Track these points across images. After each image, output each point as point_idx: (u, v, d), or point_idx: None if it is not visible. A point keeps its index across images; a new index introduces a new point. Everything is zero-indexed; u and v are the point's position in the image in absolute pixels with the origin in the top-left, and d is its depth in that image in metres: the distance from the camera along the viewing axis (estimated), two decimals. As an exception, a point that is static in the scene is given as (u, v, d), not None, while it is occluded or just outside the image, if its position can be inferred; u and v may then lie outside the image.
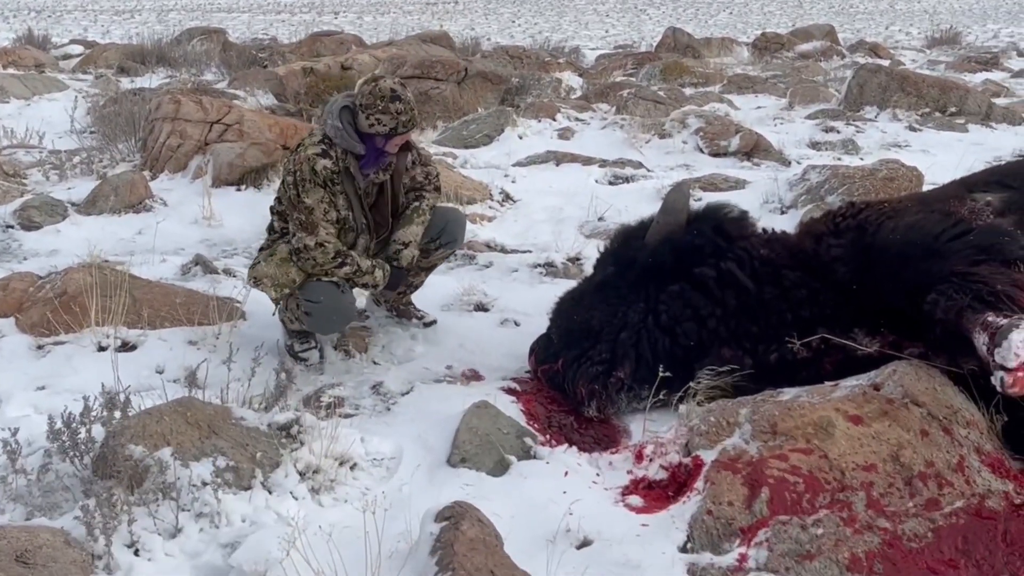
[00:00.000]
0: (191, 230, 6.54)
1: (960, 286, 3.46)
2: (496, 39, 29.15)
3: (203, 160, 7.43)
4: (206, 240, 6.41)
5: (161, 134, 7.73)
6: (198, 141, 7.68)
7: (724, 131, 9.28)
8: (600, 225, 6.74)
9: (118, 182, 6.88)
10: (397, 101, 4.21)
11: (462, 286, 5.39)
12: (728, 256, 4.17)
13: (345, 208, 4.34)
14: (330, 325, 4.49)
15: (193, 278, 5.52)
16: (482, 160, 8.90)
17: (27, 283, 4.89)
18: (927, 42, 23.79)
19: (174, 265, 5.71)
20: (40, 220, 6.45)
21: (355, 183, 4.35)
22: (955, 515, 3.05)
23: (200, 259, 5.71)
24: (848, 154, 9.18)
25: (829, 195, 6.77)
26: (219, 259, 5.98)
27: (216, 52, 15.85)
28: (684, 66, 14.95)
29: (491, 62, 13.58)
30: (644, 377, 3.92)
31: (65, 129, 9.33)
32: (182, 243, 6.27)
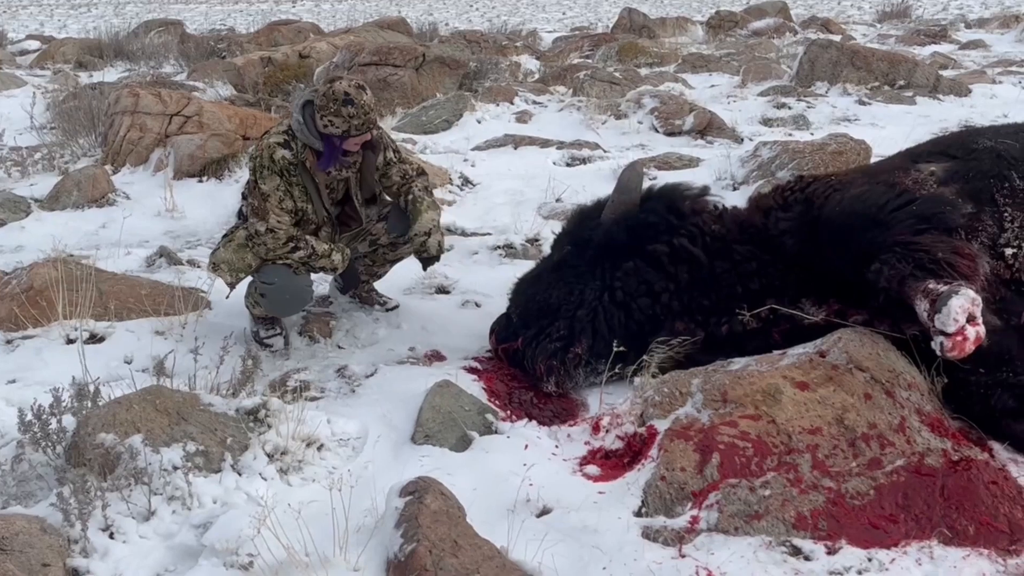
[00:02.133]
0: (154, 222, 6.60)
1: (903, 255, 3.61)
2: (454, 24, 29.11)
3: (164, 153, 7.47)
4: (170, 232, 6.47)
5: (121, 128, 7.75)
6: (158, 134, 7.71)
7: (678, 110, 9.42)
8: (558, 206, 6.86)
9: (80, 177, 6.91)
10: (350, 105, 4.22)
11: (423, 270, 5.48)
12: (681, 232, 4.29)
13: (303, 200, 4.41)
14: (286, 307, 4.59)
15: (158, 270, 5.58)
16: (441, 145, 8.98)
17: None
18: (878, 16, 24.04)
19: (139, 257, 5.76)
20: (3, 217, 6.49)
21: (314, 177, 4.43)
22: (896, 473, 3.20)
23: (164, 251, 5.77)
24: (799, 129, 9.35)
25: (780, 170, 6.92)
26: (183, 250, 6.04)
27: (174, 44, 15.77)
28: (639, 46, 15.06)
29: (449, 47, 13.62)
30: (600, 352, 4.05)
31: (25, 125, 9.30)
32: (146, 236, 6.33)
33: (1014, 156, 4.10)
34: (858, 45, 13.47)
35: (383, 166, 4.65)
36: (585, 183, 7.19)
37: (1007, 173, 4.02)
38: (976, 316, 3.26)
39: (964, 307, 3.24)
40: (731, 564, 2.86)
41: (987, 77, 12.28)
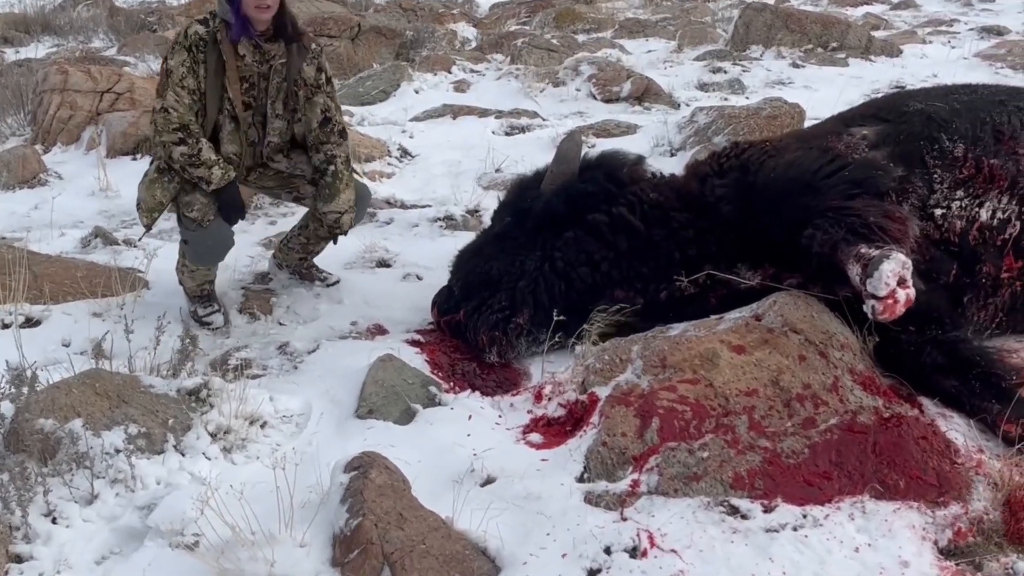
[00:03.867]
0: (88, 202, 6.49)
1: (835, 220, 3.68)
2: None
3: (96, 131, 7.34)
4: (104, 211, 6.37)
5: (51, 106, 7.60)
6: (89, 112, 7.57)
7: (616, 77, 9.46)
8: (497, 176, 6.87)
9: (9, 158, 6.77)
10: None
11: (364, 243, 5.49)
12: (619, 201, 4.34)
13: (207, 80, 4.27)
14: (210, 254, 4.55)
15: (94, 250, 5.50)
16: (379, 116, 8.93)
17: (-77, 254, 4.83)
18: (812, -22, 24.21)
19: (73, 239, 5.67)
20: (-70, 200, 6.34)
21: (222, 56, 4.27)
22: (829, 431, 3.29)
23: (100, 231, 5.68)
24: (735, 94, 9.44)
25: (716, 136, 7.00)
26: (119, 230, 5.95)
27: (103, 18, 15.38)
28: (577, 13, 15.04)
29: (385, 16, 13.51)
30: (542, 322, 4.08)
31: (-53, 106, 9.09)
32: (80, 216, 6.22)
33: (944, 118, 4.19)
34: (792, 8, 13.59)
35: (313, 85, 4.49)
36: (524, 152, 7.20)
37: (937, 135, 4.11)
38: (906, 279, 3.35)
39: (895, 271, 3.33)
40: (671, 525, 2.92)
41: (917, 37, 12.48)
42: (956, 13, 15.07)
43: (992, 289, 3.92)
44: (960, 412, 3.45)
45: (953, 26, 13.50)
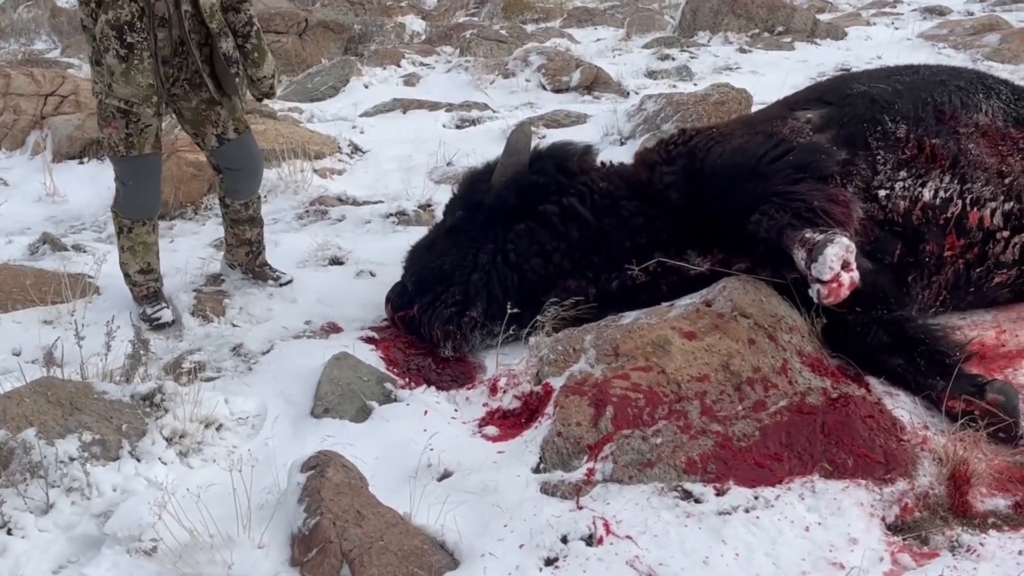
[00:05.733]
0: (35, 208, 6.40)
1: (780, 205, 3.74)
2: (337, -16, 28.60)
3: (41, 135, 7.25)
4: (52, 217, 6.29)
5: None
6: (33, 116, 7.47)
7: (565, 67, 9.50)
8: (449, 170, 6.88)
9: (-49, 165, 6.67)
10: None
11: (316, 241, 5.47)
12: (570, 192, 4.36)
13: None
14: (140, 207, 4.54)
15: (42, 257, 5.43)
16: (329, 113, 8.90)
17: None
18: (759, -38, 24.43)
19: (21, 246, 5.59)
20: None
21: None
22: (779, 413, 3.35)
23: (48, 237, 5.61)
24: (683, 81, 9.52)
25: (664, 123, 7.05)
26: (67, 235, 5.88)
27: (45, 19, 15.16)
28: (525, 2, 15.06)
29: (332, 11, 13.44)
30: (495, 314, 4.11)
31: None
32: (27, 222, 6.14)
33: (886, 100, 4.26)
34: (738, -7, 13.69)
35: None
36: (475, 145, 7.21)
37: (880, 117, 4.18)
38: (850, 262, 3.41)
39: (838, 255, 3.38)
40: (626, 512, 2.96)
41: (862, 19, 12.67)
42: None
43: (936, 268, 4.01)
44: (906, 390, 3.54)
45: (896, 7, 13.72)
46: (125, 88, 4.25)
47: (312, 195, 6.47)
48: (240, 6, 4.42)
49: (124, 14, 4.13)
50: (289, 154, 6.67)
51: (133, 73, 4.22)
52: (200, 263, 5.17)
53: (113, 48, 4.18)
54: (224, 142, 4.59)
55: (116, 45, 4.17)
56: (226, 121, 4.55)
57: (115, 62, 4.20)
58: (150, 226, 4.63)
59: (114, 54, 4.19)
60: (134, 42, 4.17)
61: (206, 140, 4.61)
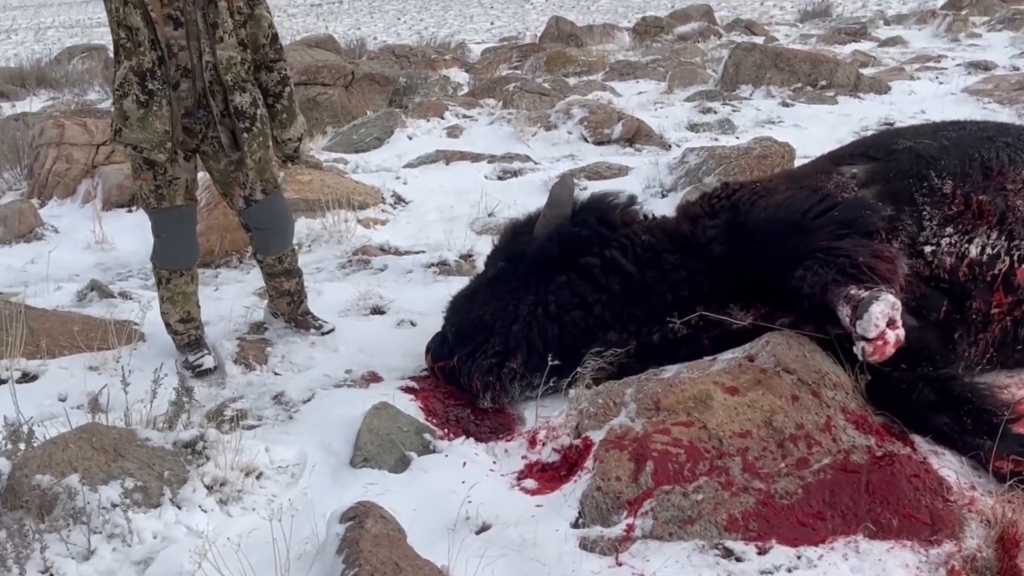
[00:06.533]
0: (84, 255, 6.52)
1: (825, 261, 3.72)
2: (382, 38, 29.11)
3: (92, 184, 7.41)
4: (100, 264, 6.40)
5: (47, 160, 7.66)
6: (85, 165, 7.63)
7: (607, 119, 9.54)
8: (490, 221, 6.92)
9: (6, 212, 6.82)
10: None
11: (358, 291, 5.51)
12: (612, 244, 4.37)
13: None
14: (174, 258, 4.61)
15: (90, 304, 5.53)
16: (373, 163, 8.99)
17: (-82, 322, 4.86)
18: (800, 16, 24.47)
19: (70, 292, 5.70)
20: (-72, 256, 6.38)
21: None
22: (823, 471, 3.30)
23: (95, 284, 5.71)
24: (725, 134, 9.53)
25: (707, 176, 7.05)
26: (114, 282, 5.98)
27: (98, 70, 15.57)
28: (567, 56, 15.21)
29: (378, 64, 13.67)
30: (536, 366, 4.10)
31: (-57, 160, 9.16)
32: (76, 269, 6.26)
33: (932, 155, 4.24)
34: (781, 47, 13.75)
35: None
36: (517, 196, 7.26)
37: (926, 172, 4.15)
38: (896, 320, 3.38)
39: (884, 312, 3.35)
40: (666, 569, 2.92)
41: (905, 74, 12.61)
42: (944, 49, 15.23)
43: (982, 325, 3.95)
44: (952, 449, 3.47)
45: (941, 62, 13.64)
46: (139, 134, 4.26)
47: (355, 245, 6.53)
48: (273, 65, 4.48)
49: (146, 61, 4.18)
50: (334, 204, 6.75)
51: (151, 119, 4.24)
52: (244, 311, 5.24)
53: (133, 93, 4.22)
54: (251, 203, 4.64)
55: (137, 91, 4.21)
56: (254, 182, 4.60)
57: (133, 107, 4.24)
58: (188, 276, 4.69)
59: (133, 99, 4.23)
60: (154, 89, 4.22)
61: (234, 201, 4.68)
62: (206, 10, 4.21)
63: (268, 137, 4.53)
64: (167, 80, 4.22)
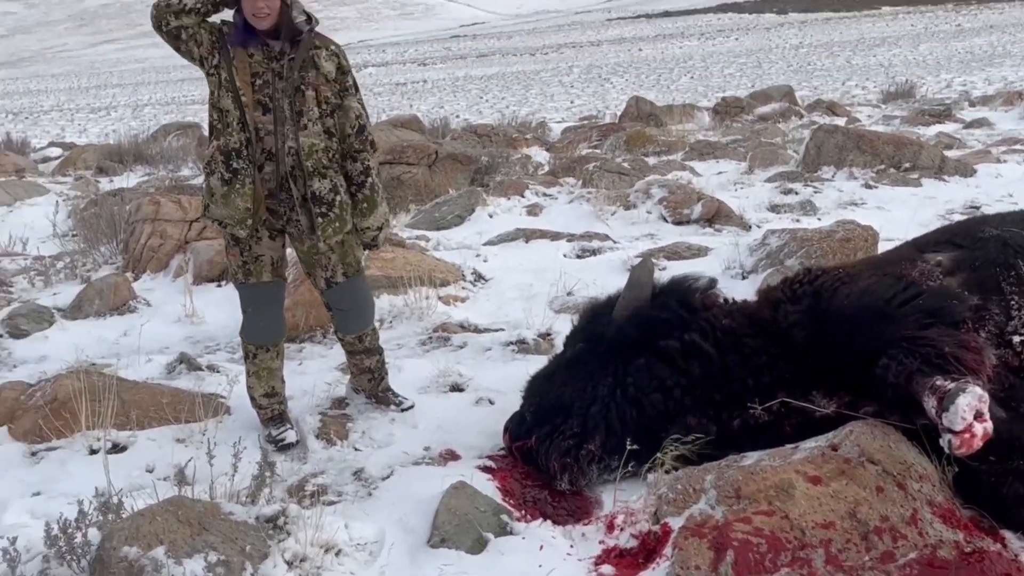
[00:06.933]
0: (174, 328, 6.72)
1: (910, 350, 3.67)
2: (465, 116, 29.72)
3: (183, 259, 7.65)
4: (189, 337, 6.59)
5: (142, 235, 7.95)
6: (178, 240, 7.90)
7: (687, 199, 9.57)
8: (569, 300, 6.95)
9: (102, 285, 7.07)
10: None
11: (438, 368, 5.57)
12: (692, 327, 4.37)
13: (209, 53, 4.34)
14: (260, 333, 4.72)
15: (178, 376, 5.68)
16: (454, 241, 9.13)
17: (18, 391, 5.05)
18: (883, 96, 24.41)
19: (159, 364, 5.87)
20: (28, 328, 6.62)
21: (229, 53, 4.32)
22: (908, 566, 3.23)
23: (184, 357, 5.87)
24: (806, 215, 9.48)
25: (788, 258, 7.01)
26: (202, 355, 6.15)
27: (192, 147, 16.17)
28: (647, 135, 15.33)
29: (461, 143, 13.94)
30: (614, 449, 4.09)
31: (48, 234, 9.57)
32: (166, 342, 6.45)
33: (1020, 244, 4.19)
34: (864, 129, 13.69)
35: (337, 83, 4.47)
36: (596, 276, 7.28)
37: (1013, 261, 4.10)
38: (983, 413, 3.32)
39: (971, 405, 3.30)
40: (747, 664, 2.87)
41: (992, 156, 12.44)
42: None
43: (1074, 417, 3.84)
44: (1045, 546, 3.37)
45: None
46: (223, 210, 4.43)
47: (436, 321, 6.61)
48: (357, 155, 4.61)
49: (232, 141, 4.37)
50: (415, 281, 6.85)
51: (233, 196, 4.40)
52: (327, 387, 5.33)
53: (219, 171, 4.40)
54: (332, 285, 4.76)
55: (222, 169, 4.39)
56: (335, 265, 4.71)
57: (218, 184, 4.41)
58: (274, 352, 4.80)
59: (219, 177, 4.40)
60: (239, 168, 4.39)
61: (316, 281, 4.81)
62: (293, 98, 4.38)
63: (347, 223, 4.63)
64: (252, 160, 4.40)
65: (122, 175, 14.68)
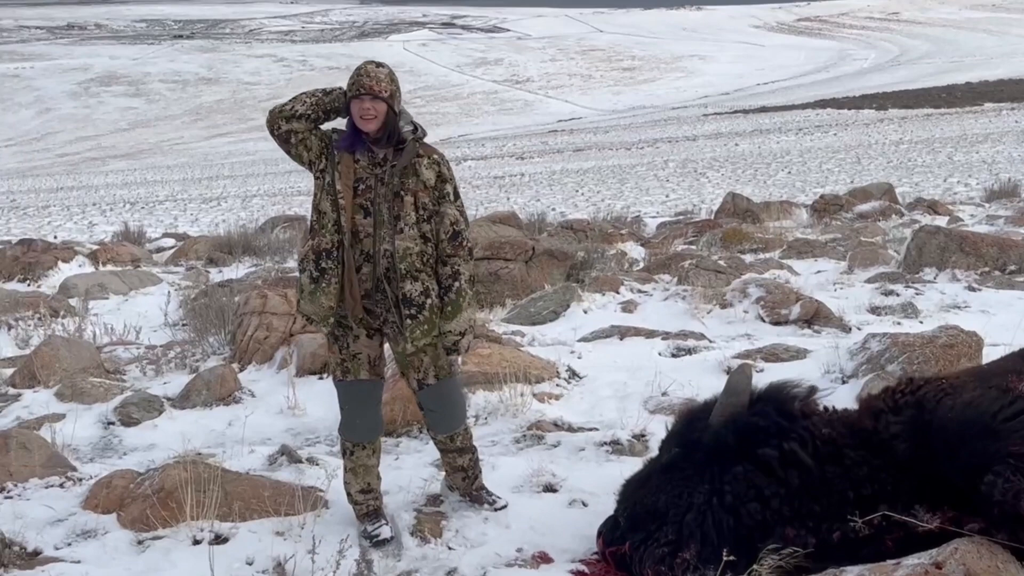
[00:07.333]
0: (277, 420, 6.91)
1: (1017, 467, 3.60)
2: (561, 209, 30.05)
3: (288, 351, 7.89)
4: (291, 429, 6.76)
5: (249, 328, 8.23)
6: (283, 333, 8.15)
7: (784, 299, 9.49)
8: (664, 400, 6.92)
9: (209, 376, 7.34)
10: (355, 69, 4.53)
11: (531, 467, 5.59)
12: (791, 436, 4.32)
13: (317, 158, 4.59)
14: (357, 431, 4.84)
15: (279, 468, 5.82)
16: (549, 337, 9.19)
17: (127, 480, 5.25)
18: (986, 195, 23.92)
19: (261, 456, 6.03)
20: (139, 416, 6.91)
21: (335, 158, 4.55)
22: None
23: (285, 449, 6.03)
24: (908, 318, 9.30)
25: (889, 364, 6.89)
26: (303, 447, 6.29)
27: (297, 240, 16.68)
28: (744, 232, 15.31)
29: (557, 240, 14.10)
30: (709, 558, 4.05)
31: (160, 322, 9.96)
32: (268, 433, 6.63)
33: None
34: (966, 231, 13.44)
35: (436, 190, 4.65)
36: (691, 376, 7.25)
37: None
38: (1096, 532, 3.21)
39: (1083, 526, 3.20)
40: None
41: (1101, 259, 12.07)
42: None
43: None
44: None
45: None
46: (310, 306, 4.62)
47: (530, 419, 6.65)
48: (448, 260, 4.71)
49: (325, 242, 4.57)
50: (511, 378, 6.93)
51: (319, 294, 4.58)
52: (422, 483, 5.39)
53: (309, 269, 4.60)
54: (423, 386, 4.86)
55: (312, 267, 4.59)
56: (428, 367, 4.81)
57: (307, 282, 4.61)
58: (370, 449, 4.90)
59: (308, 275, 4.60)
60: (327, 267, 4.57)
61: (409, 381, 4.93)
62: (392, 203, 4.57)
63: (436, 327, 4.73)
64: (341, 261, 4.58)
65: (231, 266, 15.26)
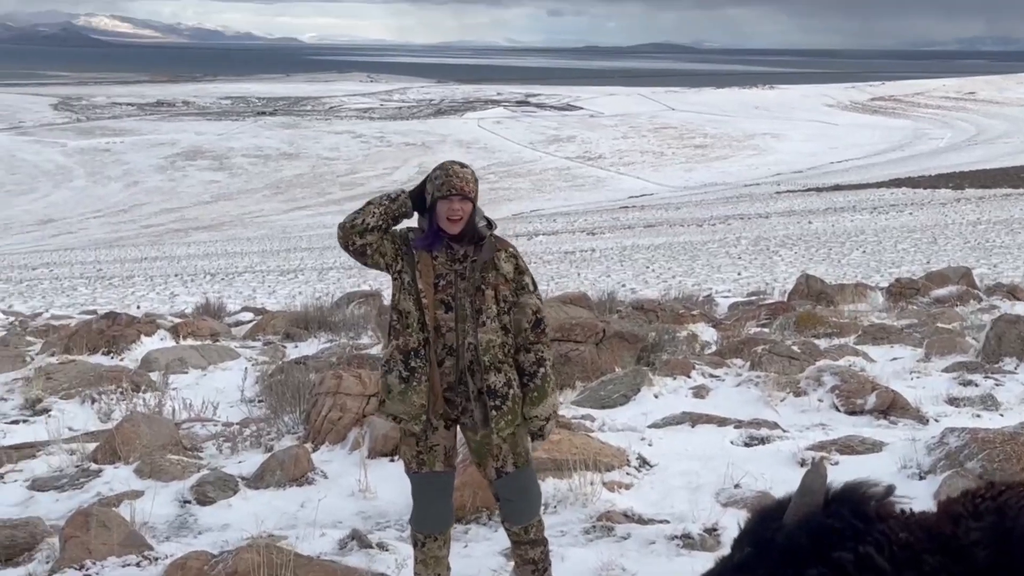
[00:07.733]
0: (348, 502, 6.97)
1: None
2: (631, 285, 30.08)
3: (360, 432, 7.98)
4: (361, 512, 6.81)
5: (323, 408, 8.35)
6: (356, 413, 8.26)
7: (860, 389, 9.37)
8: (736, 493, 6.84)
9: (283, 457, 7.45)
10: (439, 169, 4.63)
11: (601, 560, 5.57)
12: (867, 539, 4.23)
13: (393, 260, 4.71)
14: (429, 523, 4.89)
15: (350, 552, 5.87)
16: (619, 422, 9.16)
17: (202, 562, 5.34)
18: (1070, 280, 23.42)
19: (333, 539, 6.08)
20: (214, 495, 7.03)
21: (414, 257, 4.67)
22: None
23: (356, 534, 6.08)
24: (987, 410, 9.11)
25: (968, 461, 6.74)
26: (373, 532, 6.33)
27: (372, 315, 16.96)
28: (818, 317, 15.15)
29: (628, 322, 14.08)
30: (783, 664, 3.97)
31: (236, 399, 10.16)
32: (340, 516, 6.69)
33: None
34: (1048, 318, 13.12)
35: (515, 282, 4.75)
36: (764, 468, 7.16)
37: None
38: None
39: None
40: None
41: None
42: None
43: None
44: None
45: None
46: (399, 406, 4.72)
47: (600, 509, 6.62)
48: (531, 347, 4.81)
49: (412, 341, 4.67)
50: (580, 466, 6.92)
51: (410, 394, 4.67)
52: (491, 574, 5.39)
53: (397, 370, 4.70)
54: (502, 475, 4.89)
55: (400, 367, 4.69)
56: (506, 455, 4.85)
57: (396, 382, 4.70)
58: (441, 541, 4.94)
59: (397, 375, 4.70)
60: (416, 367, 4.67)
61: (486, 471, 4.95)
62: (473, 297, 4.68)
63: (518, 416, 4.81)
64: (429, 359, 4.68)
65: (307, 340, 15.53)
